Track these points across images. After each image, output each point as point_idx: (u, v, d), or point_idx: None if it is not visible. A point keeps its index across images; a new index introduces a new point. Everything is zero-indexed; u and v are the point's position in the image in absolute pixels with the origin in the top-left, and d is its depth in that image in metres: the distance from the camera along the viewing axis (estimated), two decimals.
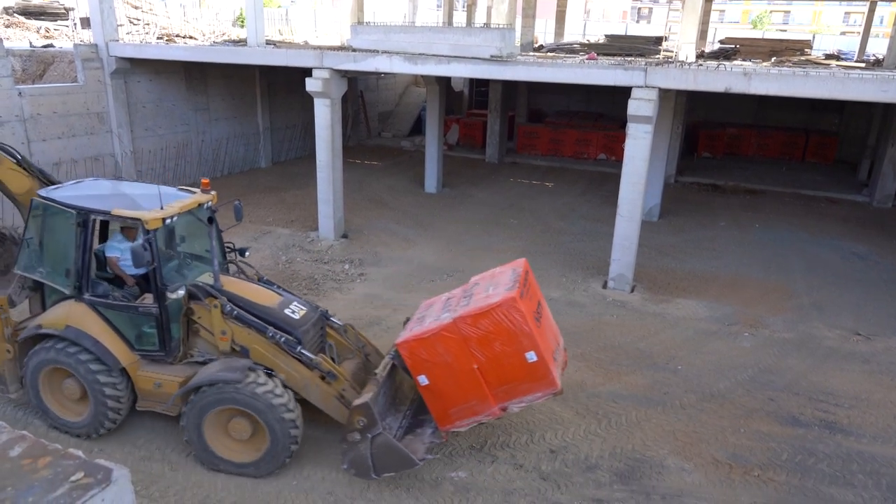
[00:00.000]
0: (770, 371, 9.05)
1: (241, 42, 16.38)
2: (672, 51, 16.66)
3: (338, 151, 13.49)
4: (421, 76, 23.07)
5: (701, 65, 11.60)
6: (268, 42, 15.43)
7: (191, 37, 19.91)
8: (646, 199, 11.90)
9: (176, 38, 18.63)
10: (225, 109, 18.75)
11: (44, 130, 13.88)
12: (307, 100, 13.63)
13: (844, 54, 26.86)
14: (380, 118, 27.07)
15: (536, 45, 22.01)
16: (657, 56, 16.25)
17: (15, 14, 19.59)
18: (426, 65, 12.01)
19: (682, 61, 12.29)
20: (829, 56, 22.92)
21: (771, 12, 68.53)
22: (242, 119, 19.49)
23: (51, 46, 16.84)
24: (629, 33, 35.19)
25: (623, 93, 10.63)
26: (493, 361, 5.99)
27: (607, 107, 25.04)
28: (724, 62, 14.14)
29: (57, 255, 6.94)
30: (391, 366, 6.71)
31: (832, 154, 22.86)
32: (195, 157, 17.97)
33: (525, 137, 23.99)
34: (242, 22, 24.98)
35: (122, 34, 16.99)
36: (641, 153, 10.82)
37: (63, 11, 20.69)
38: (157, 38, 18.19)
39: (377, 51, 12.48)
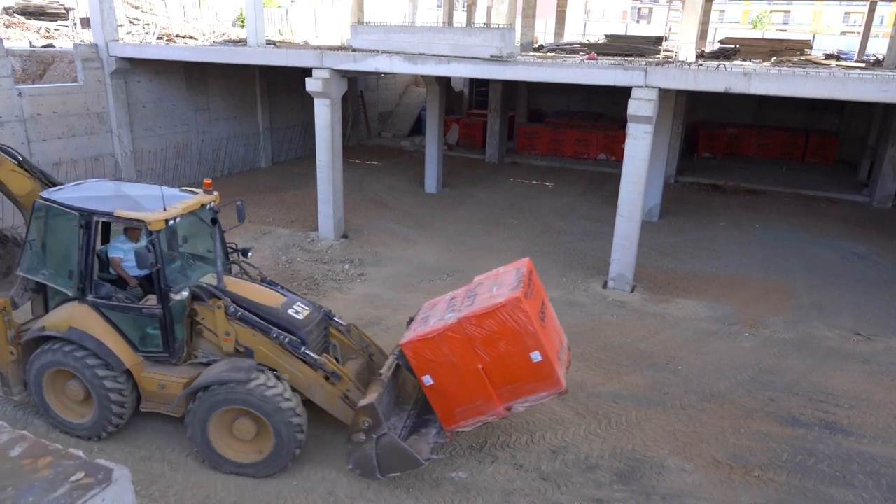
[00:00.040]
0: (770, 371, 9.06)
1: (241, 42, 16.38)
2: (672, 51, 16.66)
3: (338, 151, 13.49)
4: (421, 76, 23.06)
5: (701, 65, 11.60)
6: (268, 42, 15.43)
7: (191, 37, 19.91)
8: (646, 199, 11.90)
9: (176, 38, 18.63)
10: (225, 109, 18.75)
11: (44, 130, 13.88)
12: (307, 100, 13.63)
13: (844, 54, 26.85)
14: (380, 118, 27.07)
15: (536, 45, 22.00)
16: (657, 56, 16.25)
17: (15, 14, 19.59)
18: (426, 65, 12.01)
19: (682, 61, 12.29)
20: (829, 56, 22.91)
21: (771, 12, 68.55)
22: (242, 119, 19.49)
23: (51, 46, 16.83)
24: (629, 33, 35.19)
25: (623, 93, 10.63)
26: (498, 361, 5.98)
27: (607, 107, 25.03)
28: (724, 62, 14.13)
29: (60, 257, 6.91)
30: (395, 366, 6.70)
31: (832, 154, 22.87)
32: (195, 157, 17.97)
33: (525, 137, 23.98)
34: (242, 22, 24.98)
35: (122, 34, 16.99)
36: (641, 153, 10.82)
37: (63, 11, 20.69)
38: (157, 38, 18.19)
39: (377, 51, 12.48)
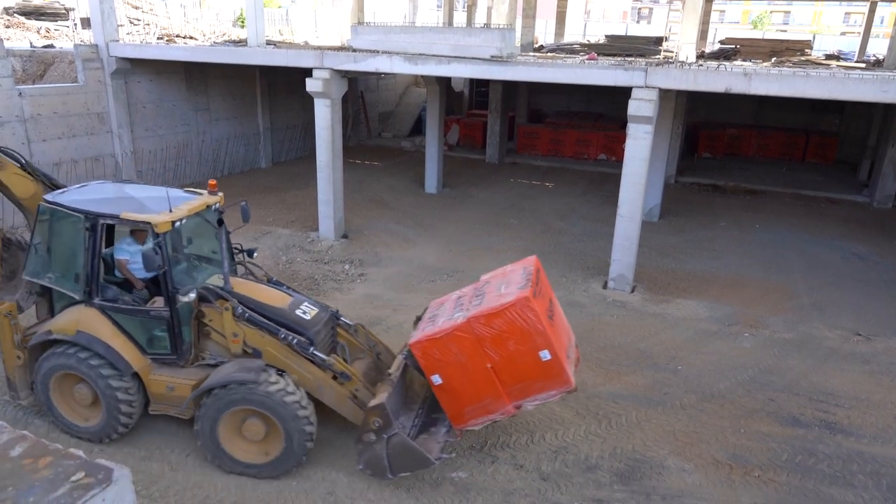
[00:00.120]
0: (770, 371, 9.05)
1: (242, 42, 16.38)
2: (672, 51, 16.66)
3: (338, 152, 13.49)
4: (421, 76, 23.07)
5: (701, 65, 11.60)
6: (268, 42, 15.43)
7: (191, 37, 19.90)
8: (646, 200, 11.90)
9: (176, 39, 18.62)
10: (225, 110, 18.76)
11: (44, 131, 13.89)
12: (307, 100, 13.64)
13: (845, 54, 26.85)
14: (380, 118, 27.08)
15: (537, 46, 21.99)
16: (657, 56, 16.25)
17: (15, 14, 19.60)
18: (426, 65, 12.01)
19: (683, 61, 12.29)
20: (830, 56, 22.91)
21: (771, 13, 68.55)
22: (243, 119, 19.49)
23: (51, 47, 16.84)
24: (629, 34, 35.24)
25: (623, 93, 10.63)
26: (507, 360, 5.97)
27: (607, 107, 25.04)
28: (725, 62, 14.13)
29: (65, 260, 6.89)
30: (403, 365, 6.69)
31: (832, 154, 22.87)
32: (195, 158, 17.97)
33: (525, 138, 23.98)
34: (243, 22, 24.98)
35: (123, 34, 16.99)
36: (642, 153, 10.82)
37: (63, 11, 20.70)
38: (158, 39, 18.19)
39: (377, 51, 12.48)
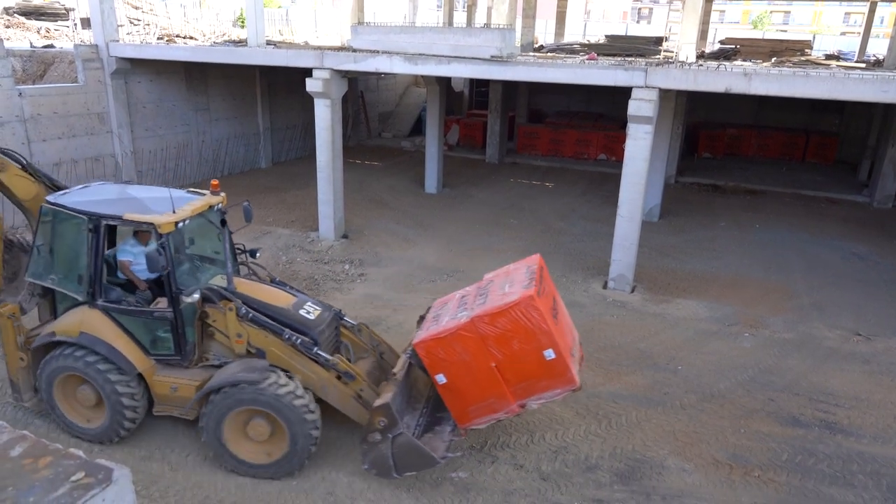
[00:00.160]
0: (770, 371, 9.05)
1: (242, 42, 16.38)
2: (672, 51, 16.65)
3: (338, 152, 13.49)
4: (421, 76, 23.07)
5: (701, 65, 11.60)
6: (268, 42, 15.43)
7: (191, 37, 19.90)
8: (646, 200, 11.89)
9: (176, 39, 18.62)
10: (225, 110, 18.76)
11: (44, 131, 13.89)
12: (307, 100, 13.64)
13: (845, 55, 26.84)
14: (380, 118, 27.08)
15: (537, 46, 21.99)
16: (657, 56, 16.25)
17: (15, 14, 19.60)
18: (426, 65, 12.01)
19: (683, 62, 12.28)
20: (830, 56, 22.91)
21: (771, 13, 68.55)
22: (243, 119, 19.49)
23: (51, 47, 16.84)
24: (629, 34, 35.23)
25: (623, 93, 10.62)
26: (512, 359, 5.97)
27: (607, 107, 25.03)
28: (725, 62, 14.13)
29: (68, 262, 6.88)
30: (408, 365, 6.69)
31: (832, 154, 22.86)
32: (195, 158, 17.97)
33: (525, 138, 23.98)
34: (243, 22, 24.98)
35: (123, 34, 16.99)
36: (642, 153, 10.82)
37: (63, 12, 20.71)
38: (158, 39, 18.19)
39: (377, 51, 12.48)
